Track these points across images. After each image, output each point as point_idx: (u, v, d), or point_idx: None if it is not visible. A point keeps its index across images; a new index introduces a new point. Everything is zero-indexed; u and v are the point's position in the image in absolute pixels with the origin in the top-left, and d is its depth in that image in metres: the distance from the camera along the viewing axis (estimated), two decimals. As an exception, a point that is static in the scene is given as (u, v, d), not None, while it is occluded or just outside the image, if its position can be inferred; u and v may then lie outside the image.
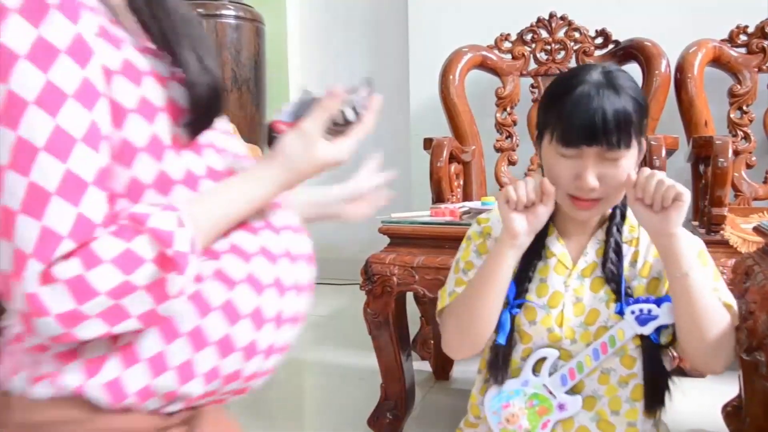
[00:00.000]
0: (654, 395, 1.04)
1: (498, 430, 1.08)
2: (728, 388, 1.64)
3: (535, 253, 1.08)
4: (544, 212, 1.02)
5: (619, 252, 1.05)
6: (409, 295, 1.83)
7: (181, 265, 0.60)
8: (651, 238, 1.01)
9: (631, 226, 1.08)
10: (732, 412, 1.63)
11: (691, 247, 1.02)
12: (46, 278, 0.55)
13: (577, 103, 0.96)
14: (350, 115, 0.72)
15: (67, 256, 0.56)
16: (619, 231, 1.06)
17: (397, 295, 1.66)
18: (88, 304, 0.57)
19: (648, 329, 1.01)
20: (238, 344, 0.68)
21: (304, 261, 0.79)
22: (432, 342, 2.21)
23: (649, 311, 1.01)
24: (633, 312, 1.02)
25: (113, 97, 0.60)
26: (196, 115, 0.66)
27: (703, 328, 0.98)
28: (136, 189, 0.63)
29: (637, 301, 1.02)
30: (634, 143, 0.98)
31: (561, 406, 1.05)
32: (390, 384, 1.70)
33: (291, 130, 0.70)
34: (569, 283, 1.07)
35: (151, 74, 0.64)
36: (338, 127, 0.72)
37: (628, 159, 0.98)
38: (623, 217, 1.07)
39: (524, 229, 1.01)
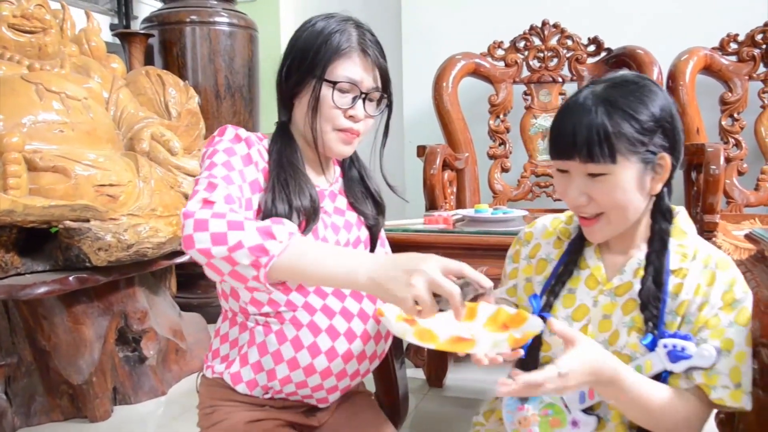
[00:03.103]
0: None
1: (510, 428, 1.05)
2: (721, 395, 1.64)
3: (568, 270, 1.04)
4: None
5: (658, 281, 0.96)
6: (403, 303, 1.82)
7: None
8: None
9: (683, 255, 0.98)
10: (725, 419, 1.62)
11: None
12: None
13: (560, 117, 0.95)
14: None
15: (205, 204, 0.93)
16: (659, 258, 0.97)
17: (391, 303, 1.65)
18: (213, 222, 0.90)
19: (678, 367, 0.94)
20: (302, 364, 1.06)
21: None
22: (425, 350, 2.20)
23: (684, 349, 0.93)
24: (665, 346, 0.94)
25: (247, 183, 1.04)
26: None
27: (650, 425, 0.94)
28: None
29: (673, 336, 0.94)
30: (626, 160, 0.91)
31: (574, 423, 1.00)
32: (384, 392, 1.70)
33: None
34: (599, 299, 1.01)
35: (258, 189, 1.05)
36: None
37: (620, 175, 0.91)
38: (664, 243, 0.98)
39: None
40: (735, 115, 2.43)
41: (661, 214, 0.99)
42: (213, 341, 1.18)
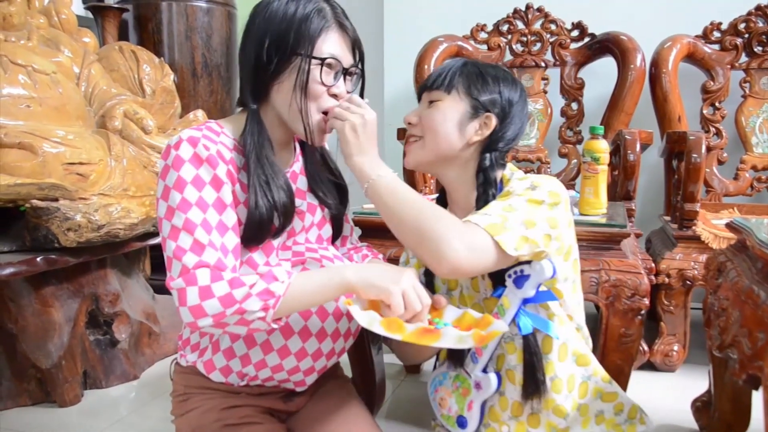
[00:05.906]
0: (530, 382, 1.03)
1: (439, 416, 1.10)
2: (698, 383, 1.65)
3: None
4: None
5: None
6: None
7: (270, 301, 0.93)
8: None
9: (507, 192, 1.04)
10: (701, 407, 1.64)
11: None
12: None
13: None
14: None
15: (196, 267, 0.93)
16: (487, 203, 1.04)
17: (368, 288, 1.63)
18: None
19: (526, 290, 1.00)
20: (276, 347, 1.05)
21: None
22: (403, 335, 2.18)
23: (521, 271, 1.00)
24: (510, 276, 1.02)
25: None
26: (250, 232, 1.02)
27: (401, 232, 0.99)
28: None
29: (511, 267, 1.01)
30: (457, 96, 1.07)
31: (477, 385, 1.04)
32: (361, 377, 1.68)
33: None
34: None
35: (233, 203, 1.01)
36: None
37: (447, 105, 1.07)
38: (488, 193, 1.06)
39: None
40: (716, 104, 2.42)
41: (488, 184, 1.07)
42: (183, 331, 1.14)
